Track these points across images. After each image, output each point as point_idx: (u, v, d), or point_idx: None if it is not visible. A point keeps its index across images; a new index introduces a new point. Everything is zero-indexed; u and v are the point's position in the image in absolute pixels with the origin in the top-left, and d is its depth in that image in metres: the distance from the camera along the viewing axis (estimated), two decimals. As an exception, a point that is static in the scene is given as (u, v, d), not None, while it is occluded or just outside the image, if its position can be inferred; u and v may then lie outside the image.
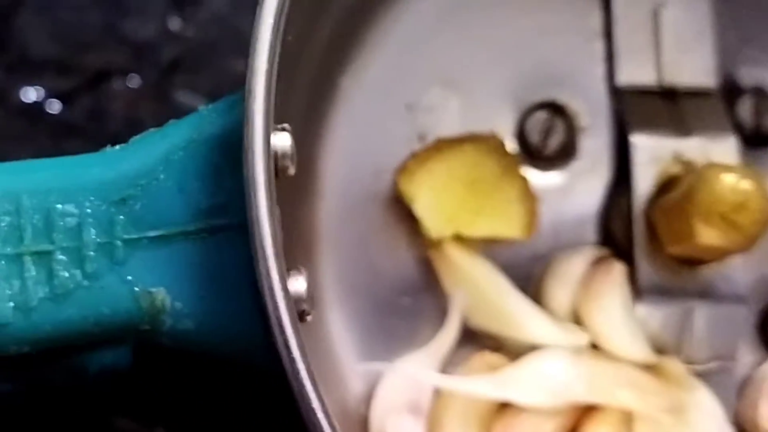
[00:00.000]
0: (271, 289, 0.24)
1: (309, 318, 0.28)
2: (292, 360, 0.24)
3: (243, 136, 0.25)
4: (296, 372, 0.24)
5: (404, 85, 0.37)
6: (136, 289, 0.27)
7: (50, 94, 0.44)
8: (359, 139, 0.37)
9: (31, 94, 0.44)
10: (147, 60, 0.45)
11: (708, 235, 0.33)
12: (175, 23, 0.45)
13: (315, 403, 0.24)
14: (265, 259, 0.24)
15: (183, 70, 0.45)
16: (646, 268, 0.36)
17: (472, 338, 0.36)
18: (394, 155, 0.37)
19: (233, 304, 0.27)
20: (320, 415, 0.24)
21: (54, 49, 0.44)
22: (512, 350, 0.35)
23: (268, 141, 0.25)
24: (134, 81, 0.44)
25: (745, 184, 0.33)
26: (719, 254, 0.34)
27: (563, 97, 0.38)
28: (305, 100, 0.34)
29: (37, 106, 0.44)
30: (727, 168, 0.34)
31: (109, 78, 0.44)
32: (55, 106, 0.44)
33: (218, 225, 0.28)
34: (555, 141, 0.37)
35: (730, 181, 0.33)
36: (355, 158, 0.37)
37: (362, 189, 0.37)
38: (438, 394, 0.35)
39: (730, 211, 0.32)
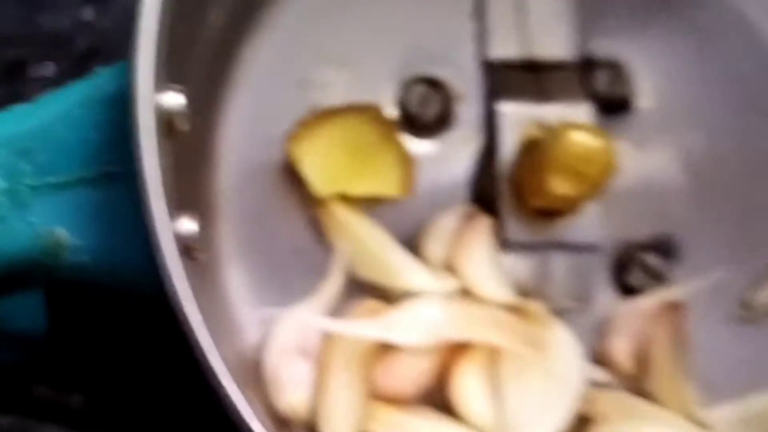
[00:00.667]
0: (152, 216, 0.27)
1: (201, 257, 0.31)
2: (170, 277, 0.27)
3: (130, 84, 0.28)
4: (174, 292, 0.27)
5: (296, 60, 0.40)
6: (39, 229, 0.31)
7: (-33, 84, 0.46)
8: (256, 110, 0.40)
9: (-53, 84, 0.46)
10: (62, 50, 0.47)
11: (560, 185, 0.37)
12: (88, 14, 0.47)
13: (192, 316, 0.27)
14: (146, 191, 0.27)
15: (98, 59, 0.46)
16: (510, 222, 0.39)
17: (359, 289, 0.39)
18: (287, 126, 0.40)
19: (127, 240, 0.31)
20: (196, 326, 0.27)
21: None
22: (393, 298, 0.38)
23: (153, 90, 0.28)
24: (50, 69, 0.47)
25: (591, 140, 0.37)
26: (572, 203, 0.38)
27: (440, 72, 0.41)
28: (206, 67, 0.37)
29: (-46, 96, 0.45)
30: (576, 126, 0.37)
31: (24, 68, 0.46)
32: (-29, 96, 0.46)
33: (114, 172, 0.31)
34: (432, 111, 0.41)
35: (578, 138, 0.37)
36: (252, 128, 0.39)
37: (258, 157, 0.39)
38: (326, 337, 0.37)
39: (578, 163, 0.36)
